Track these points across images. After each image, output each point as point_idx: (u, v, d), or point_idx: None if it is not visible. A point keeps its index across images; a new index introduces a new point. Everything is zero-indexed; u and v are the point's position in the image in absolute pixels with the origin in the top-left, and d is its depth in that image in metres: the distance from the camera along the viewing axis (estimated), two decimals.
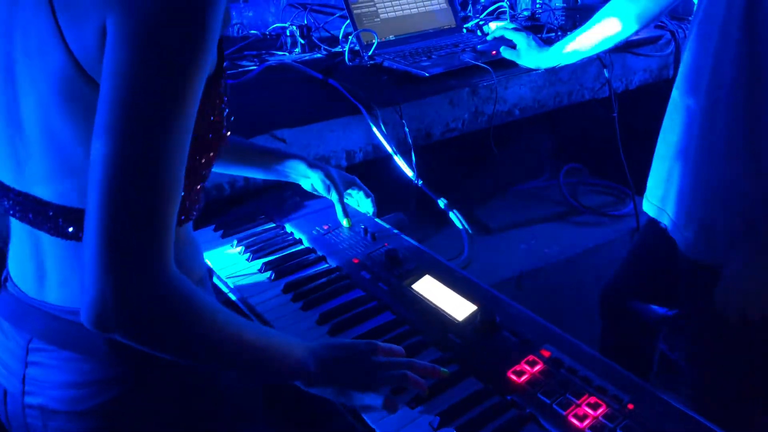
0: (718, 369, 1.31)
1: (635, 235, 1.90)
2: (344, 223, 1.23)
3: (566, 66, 1.75)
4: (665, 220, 1.33)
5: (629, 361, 1.44)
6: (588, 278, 1.85)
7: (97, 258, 0.60)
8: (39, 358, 0.76)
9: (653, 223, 1.41)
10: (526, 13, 2.10)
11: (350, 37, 1.77)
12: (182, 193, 0.65)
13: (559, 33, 1.97)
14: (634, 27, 1.54)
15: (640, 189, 2.00)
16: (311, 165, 1.20)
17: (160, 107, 0.61)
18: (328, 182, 1.20)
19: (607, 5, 1.56)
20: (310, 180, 1.21)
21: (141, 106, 0.61)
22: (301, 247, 1.22)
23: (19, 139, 0.71)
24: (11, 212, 0.76)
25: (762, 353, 1.25)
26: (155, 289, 0.62)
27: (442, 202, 1.60)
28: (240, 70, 1.74)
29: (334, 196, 1.21)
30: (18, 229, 0.79)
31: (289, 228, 1.28)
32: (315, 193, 1.25)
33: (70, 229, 0.71)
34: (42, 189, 0.72)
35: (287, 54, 1.92)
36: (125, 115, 0.60)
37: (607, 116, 1.93)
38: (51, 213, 0.72)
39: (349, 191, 1.27)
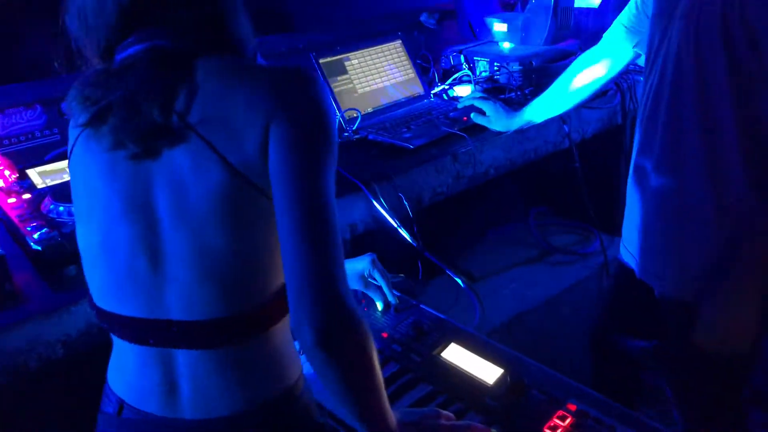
0: (698, 394, 1.50)
1: (610, 273, 2.09)
2: (384, 306, 1.35)
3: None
4: (641, 268, 1.51)
5: (620, 390, 1.63)
6: (568, 315, 2.04)
7: (315, 288, 0.79)
8: None
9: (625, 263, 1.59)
10: (485, 74, 2.30)
11: (336, 118, 1.92)
12: None
13: (518, 93, 2.17)
14: (588, 94, 1.74)
15: (604, 226, 2.23)
16: (355, 259, 1.34)
17: (330, 183, 0.83)
18: (376, 267, 1.33)
19: (564, 73, 1.77)
20: (360, 267, 1.34)
21: (320, 186, 0.81)
22: None
23: (157, 268, 0.84)
24: (151, 341, 0.86)
25: (734, 378, 1.45)
26: (353, 305, 0.81)
27: (459, 280, 1.70)
28: None
29: (380, 280, 1.34)
30: (138, 355, 0.88)
31: None
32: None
33: (210, 340, 0.84)
34: (182, 309, 0.84)
35: None
36: (311, 194, 0.81)
37: (568, 163, 2.13)
38: (191, 329, 0.84)
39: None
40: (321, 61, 2.02)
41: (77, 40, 0.90)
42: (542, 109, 1.82)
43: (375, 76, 2.13)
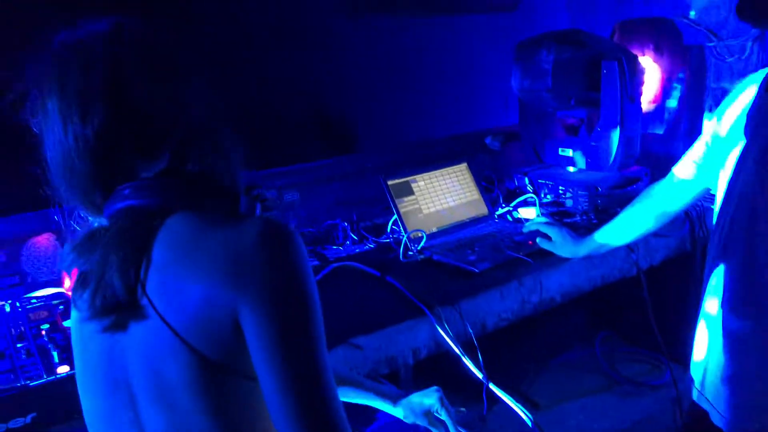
0: None
1: (684, 412, 1.98)
2: None
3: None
4: (718, 419, 1.42)
5: None
6: None
7: None
8: None
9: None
10: (550, 198, 2.32)
11: (403, 238, 1.95)
12: None
13: (584, 217, 2.17)
14: (657, 224, 1.73)
15: (674, 355, 2.13)
16: (423, 394, 1.31)
17: (318, 350, 0.79)
18: (443, 405, 1.30)
19: (633, 204, 1.76)
20: (427, 403, 1.30)
21: (310, 365, 0.78)
22: None
23: None
24: None
25: None
26: None
27: (525, 414, 1.64)
28: None
29: (446, 418, 1.30)
30: None
31: None
32: (408, 420, 1.33)
33: None
34: None
35: (341, 248, 2.10)
36: (302, 378, 0.77)
37: (636, 290, 2.08)
38: None
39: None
40: (389, 182, 2.09)
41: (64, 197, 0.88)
42: (610, 237, 1.81)
43: (440, 197, 2.18)
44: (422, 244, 1.97)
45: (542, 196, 2.35)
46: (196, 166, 0.87)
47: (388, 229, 2.12)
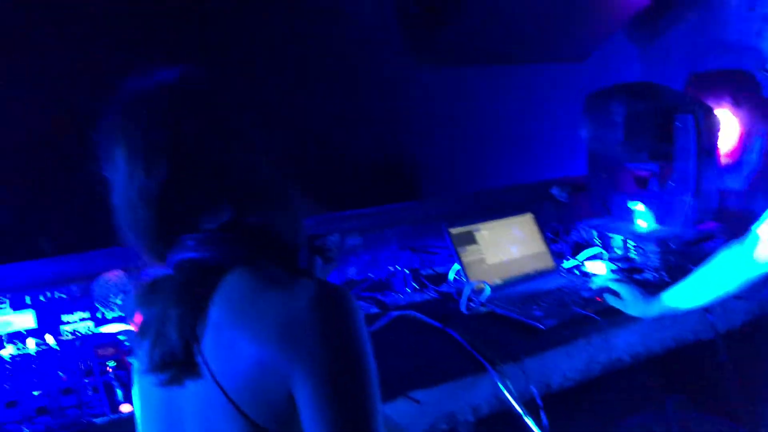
0: None
1: None
2: None
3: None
4: None
5: None
6: None
7: None
8: None
9: None
10: (619, 252, 2.24)
11: (466, 289, 1.91)
12: None
13: (655, 275, 2.08)
14: (737, 287, 1.63)
15: (752, 427, 1.99)
16: None
17: (372, 413, 0.78)
18: None
19: (710, 263, 1.68)
20: None
21: (360, 421, 0.77)
22: None
23: None
24: None
25: None
26: None
27: None
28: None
29: None
30: None
31: None
32: None
33: None
34: None
35: (401, 295, 2.07)
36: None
37: (711, 355, 1.97)
38: None
39: None
40: (452, 231, 2.07)
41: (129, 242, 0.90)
42: (684, 297, 1.72)
43: (505, 248, 2.14)
44: (485, 295, 1.92)
45: (611, 250, 2.27)
46: (258, 219, 0.88)
47: (450, 278, 2.08)
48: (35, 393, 1.39)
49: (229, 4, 2.00)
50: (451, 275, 2.09)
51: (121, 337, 1.68)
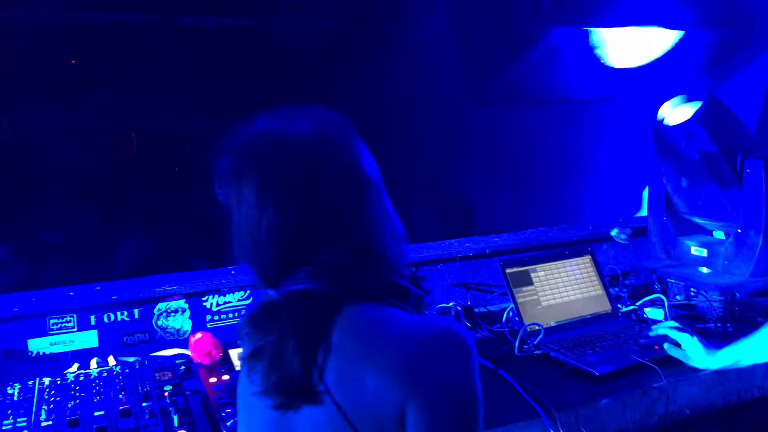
0: None
1: None
2: None
3: None
4: None
5: None
6: None
7: None
8: None
9: None
10: (680, 299, 2.17)
11: (520, 331, 1.89)
12: None
13: (718, 325, 2.01)
14: None
15: None
16: None
17: None
18: None
19: None
20: None
21: None
22: None
23: None
24: None
25: None
26: None
27: None
28: None
29: None
30: None
31: None
32: None
33: None
34: None
35: None
36: None
37: None
38: None
39: None
40: (507, 270, 2.05)
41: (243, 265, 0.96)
42: (750, 352, 1.65)
43: (561, 290, 2.10)
44: (539, 338, 1.89)
45: (671, 296, 2.20)
46: (370, 257, 0.92)
47: (504, 318, 2.06)
48: (96, 414, 1.44)
49: (350, 65, 2.07)
50: (505, 315, 2.07)
51: (178, 361, 1.73)
